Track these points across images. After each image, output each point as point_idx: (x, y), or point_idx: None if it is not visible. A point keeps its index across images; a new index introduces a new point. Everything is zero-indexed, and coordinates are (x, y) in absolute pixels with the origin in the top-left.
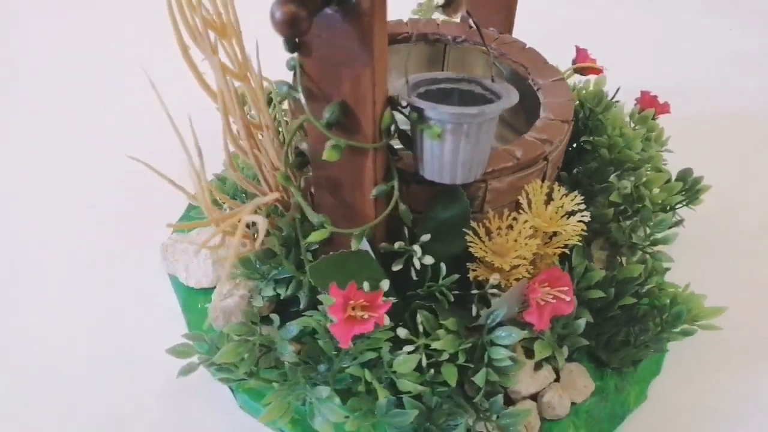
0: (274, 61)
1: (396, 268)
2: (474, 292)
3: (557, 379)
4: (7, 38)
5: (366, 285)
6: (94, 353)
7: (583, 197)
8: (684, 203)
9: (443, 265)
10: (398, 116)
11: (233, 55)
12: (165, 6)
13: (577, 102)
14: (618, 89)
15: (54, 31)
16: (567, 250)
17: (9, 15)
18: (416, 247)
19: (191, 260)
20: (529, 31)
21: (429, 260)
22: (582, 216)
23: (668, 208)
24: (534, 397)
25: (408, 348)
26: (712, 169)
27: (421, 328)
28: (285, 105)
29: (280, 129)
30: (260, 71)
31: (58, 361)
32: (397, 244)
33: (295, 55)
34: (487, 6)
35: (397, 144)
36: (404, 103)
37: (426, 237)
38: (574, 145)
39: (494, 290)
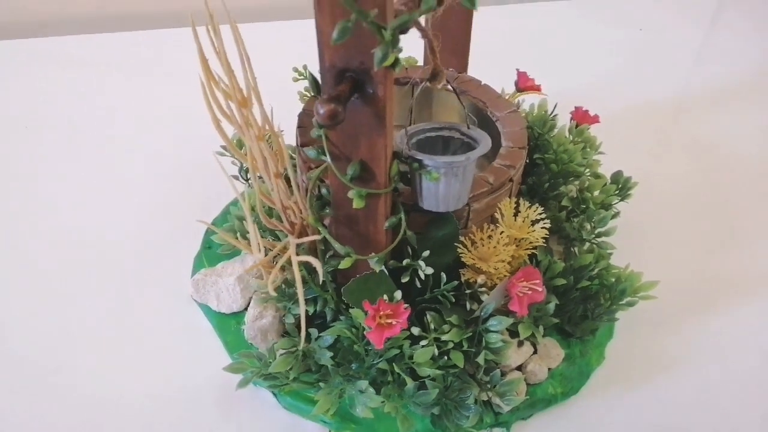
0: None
1: (404, 279)
2: (467, 291)
3: (535, 352)
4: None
5: (386, 297)
6: (143, 376)
7: (540, 205)
8: (619, 200)
9: (443, 275)
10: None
11: (255, 121)
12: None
13: (527, 125)
14: (555, 105)
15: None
16: (534, 250)
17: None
18: (420, 262)
19: (221, 290)
20: (478, 64)
21: (430, 270)
22: (543, 224)
23: (607, 206)
24: (519, 368)
25: (423, 342)
26: (627, 158)
27: (431, 326)
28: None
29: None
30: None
31: (109, 383)
32: (405, 261)
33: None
34: (446, 51)
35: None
36: (405, 155)
37: (426, 253)
38: (528, 161)
39: (483, 289)
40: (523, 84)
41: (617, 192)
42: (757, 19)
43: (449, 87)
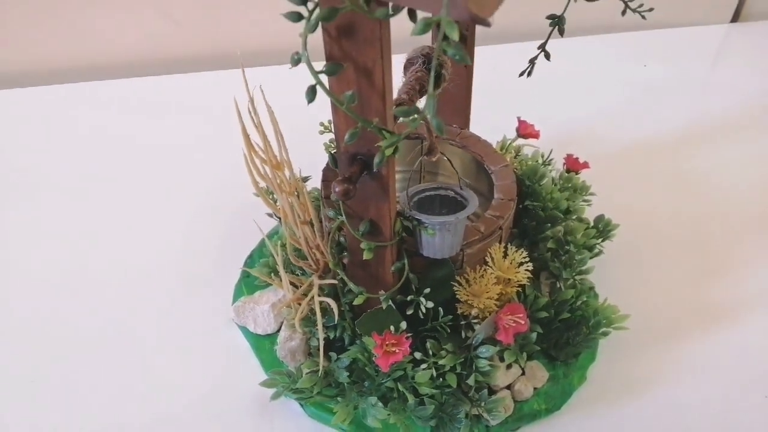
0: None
1: (409, 312)
2: (462, 322)
3: (523, 373)
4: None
5: (392, 328)
6: (191, 388)
7: (530, 245)
8: (600, 242)
9: (440, 309)
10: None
11: (286, 180)
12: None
13: (522, 170)
14: (551, 151)
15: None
16: (521, 288)
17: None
18: (422, 298)
19: (257, 315)
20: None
21: (430, 304)
22: (527, 266)
23: (590, 246)
24: (509, 387)
25: (423, 365)
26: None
27: (430, 352)
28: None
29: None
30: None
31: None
32: (409, 297)
33: None
34: (449, 110)
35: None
36: (407, 215)
37: (427, 290)
38: (521, 206)
39: (476, 320)
40: (524, 131)
41: (598, 235)
42: (759, 56)
43: (445, 158)
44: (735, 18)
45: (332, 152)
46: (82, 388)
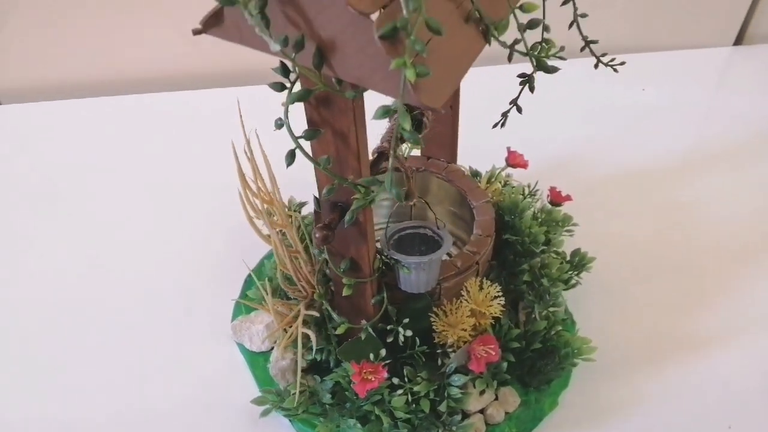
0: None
1: (389, 340)
2: (439, 351)
3: (496, 398)
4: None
5: (371, 356)
6: (189, 400)
7: (509, 276)
8: (575, 275)
9: (417, 339)
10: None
11: (278, 214)
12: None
13: (504, 204)
14: (537, 182)
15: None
16: (494, 320)
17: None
18: (400, 328)
19: (253, 334)
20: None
21: (409, 333)
22: (500, 300)
23: (565, 279)
24: (482, 411)
25: (399, 391)
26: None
27: (407, 378)
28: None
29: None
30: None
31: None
32: (389, 326)
33: None
34: (437, 145)
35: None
36: (385, 254)
37: (406, 320)
38: (501, 239)
39: (451, 349)
40: (513, 161)
41: (573, 268)
42: (763, 80)
43: (423, 199)
44: (738, 41)
45: (315, 196)
46: (80, 393)
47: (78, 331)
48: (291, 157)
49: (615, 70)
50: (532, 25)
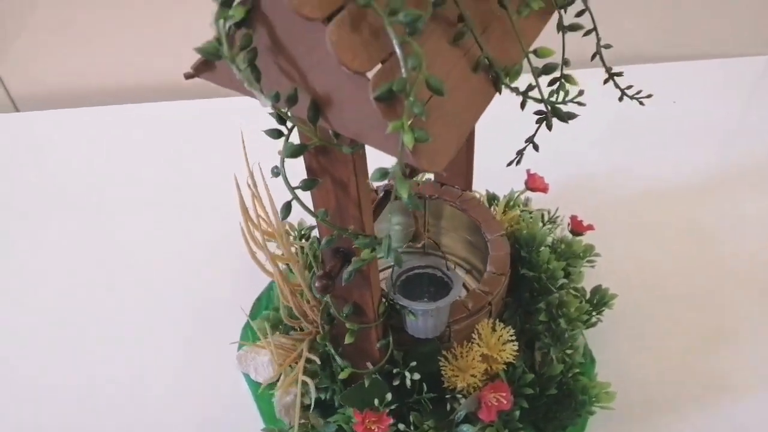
0: None
1: (396, 383)
2: (448, 396)
3: None
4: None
5: (376, 401)
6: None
7: (525, 314)
8: (594, 314)
9: (425, 384)
10: None
11: (282, 247)
12: None
13: (521, 235)
14: (557, 209)
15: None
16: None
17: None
18: (407, 372)
19: (258, 365)
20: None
21: (417, 376)
22: (513, 345)
23: (584, 319)
24: None
25: None
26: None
27: (412, 426)
28: None
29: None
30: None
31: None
32: (395, 369)
33: None
34: (451, 172)
35: None
36: (391, 298)
37: (413, 363)
38: (517, 273)
39: (460, 394)
40: (532, 185)
41: (593, 309)
42: None
43: (434, 242)
44: None
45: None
46: (86, 416)
47: (81, 345)
48: (287, 209)
49: (641, 103)
50: (548, 70)
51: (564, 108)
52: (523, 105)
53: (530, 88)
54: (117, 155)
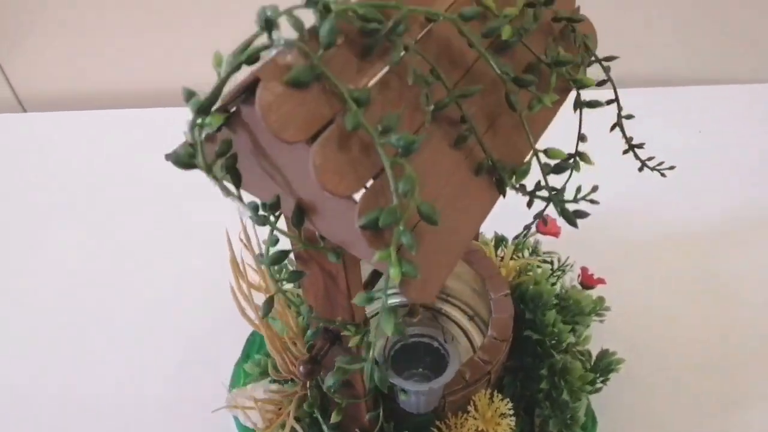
0: None
1: None
2: None
3: None
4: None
5: None
6: None
7: (525, 378)
8: (599, 381)
9: None
10: None
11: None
12: None
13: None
14: (567, 257)
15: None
16: None
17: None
18: None
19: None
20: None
21: None
22: (509, 421)
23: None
24: None
25: None
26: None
27: None
28: None
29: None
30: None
31: None
32: None
33: None
34: None
35: None
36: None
37: None
38: (520, 334)
39: None
40: (543, 228)
41: (598, 376)
42: None
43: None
44: None
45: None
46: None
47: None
48: (269, 305)
49: (663, 175)
50: (558, 170)
51: (574, 206)
52: (530, 204)
53: (538, 187)
54: (120, 158)
